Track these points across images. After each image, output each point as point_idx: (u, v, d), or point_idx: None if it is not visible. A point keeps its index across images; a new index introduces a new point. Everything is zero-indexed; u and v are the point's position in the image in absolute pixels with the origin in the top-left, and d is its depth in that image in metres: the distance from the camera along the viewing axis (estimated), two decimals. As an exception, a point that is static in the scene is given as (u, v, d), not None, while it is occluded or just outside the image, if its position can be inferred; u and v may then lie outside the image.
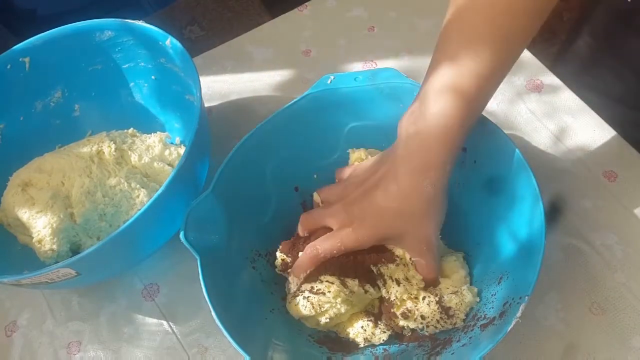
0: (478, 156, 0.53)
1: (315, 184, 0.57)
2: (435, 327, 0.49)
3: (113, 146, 0.62)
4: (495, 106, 0.65)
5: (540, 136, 0.62)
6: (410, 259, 0.50)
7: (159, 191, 0.50)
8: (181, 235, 0.49)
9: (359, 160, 0.57)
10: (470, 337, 0.46)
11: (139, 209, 0.52)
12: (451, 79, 0.46)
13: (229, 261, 0.52)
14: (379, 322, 0.51)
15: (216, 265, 0.49)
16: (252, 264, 0.54)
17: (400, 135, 0.49)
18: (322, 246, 0.49)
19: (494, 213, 0.52)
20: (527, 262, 0.46)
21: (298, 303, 0.50)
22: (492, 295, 0.48)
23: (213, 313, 0.46)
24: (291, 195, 0.59)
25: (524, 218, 0.48)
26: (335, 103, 0.57)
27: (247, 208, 0.55)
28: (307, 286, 0.50)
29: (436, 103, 0.47)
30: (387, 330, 0.51)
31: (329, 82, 0.56)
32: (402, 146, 0.49)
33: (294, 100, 0.56)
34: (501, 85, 0.48)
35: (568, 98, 0.64)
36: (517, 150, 0.49)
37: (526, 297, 0.43)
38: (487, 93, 0.48)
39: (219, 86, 0.72)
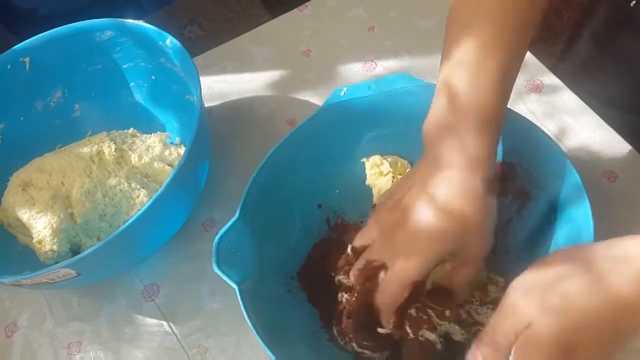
0: (528, 168, 0.51)
1: (338, 199, 0.56)
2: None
3: (113, 146, 0.62)
4: (496, 106, 0.64)
5: (540, 136, 0.62)
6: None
7: (159, 191, 0.50)
8: (214, 265, 0.46)
9: (375, 166, 0.56)
10: None
11: (139, 209, 0.52)
12: (480, 54, 0.43)
13: (265, 287, 0.50)
14: None
15: (254, 293, 0.47)
16: (287, 287, 0.53)
17: (429, 138, 0.45)
18: (386, 298, 0.44)
19: (541, 233, 0.50)
20: None
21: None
22: None
23: (261, 343, 0.44)
24: (315, 213, 0.57)
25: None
26: (350, 115, 0.55)
27: (274, 230, 0.53)
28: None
29: (467, 86, 0.42)
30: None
31: (342, 93, 0.55)
32: (435, 147, 0.44)
33: (309, 116, 0.55)
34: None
35: (568, 98, 0.64)
36: (576, 174, 0.47)
37: None
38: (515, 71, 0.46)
39: (219, 86, 0.72)
